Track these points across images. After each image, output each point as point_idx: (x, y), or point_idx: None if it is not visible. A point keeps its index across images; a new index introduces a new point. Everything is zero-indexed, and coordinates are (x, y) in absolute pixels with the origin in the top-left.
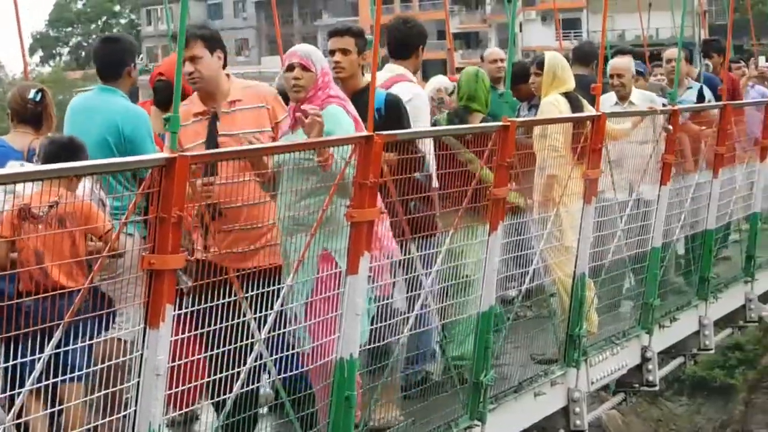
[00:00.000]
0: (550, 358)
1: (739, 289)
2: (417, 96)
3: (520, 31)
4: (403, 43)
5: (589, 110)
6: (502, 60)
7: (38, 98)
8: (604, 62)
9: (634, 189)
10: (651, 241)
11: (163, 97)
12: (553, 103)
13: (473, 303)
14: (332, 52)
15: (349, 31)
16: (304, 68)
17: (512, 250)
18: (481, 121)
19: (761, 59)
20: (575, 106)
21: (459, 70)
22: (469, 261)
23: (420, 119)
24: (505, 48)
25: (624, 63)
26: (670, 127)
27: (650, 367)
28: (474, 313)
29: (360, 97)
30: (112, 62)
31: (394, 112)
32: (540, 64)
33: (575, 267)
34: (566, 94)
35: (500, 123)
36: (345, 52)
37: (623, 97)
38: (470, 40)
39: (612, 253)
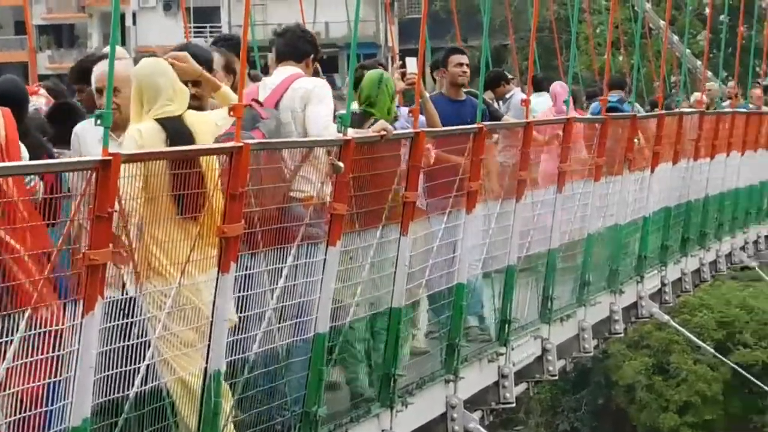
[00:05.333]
0: None
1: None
2: (320, 85)
3: (134, 23)
4: (294, 47)
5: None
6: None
7: None
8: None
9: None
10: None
11: None
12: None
13: None
14: None
15: None
16: None
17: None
18: None
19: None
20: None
21: (45, 77)
22: None
23: (324, 102)
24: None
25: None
26: (341, 164)
27: None
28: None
29: None
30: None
31: None
32: None
33: (207, 363)
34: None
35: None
36: None
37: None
38: (62, 36)
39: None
